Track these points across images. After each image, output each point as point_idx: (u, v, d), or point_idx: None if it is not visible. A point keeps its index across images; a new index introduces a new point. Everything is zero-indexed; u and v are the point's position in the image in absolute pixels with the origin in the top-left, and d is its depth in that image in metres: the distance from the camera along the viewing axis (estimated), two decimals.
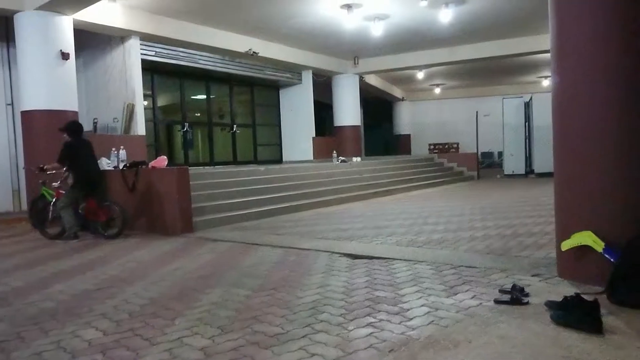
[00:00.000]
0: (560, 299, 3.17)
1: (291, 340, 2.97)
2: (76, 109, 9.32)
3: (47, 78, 8.85)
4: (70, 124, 7.39)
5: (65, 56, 8.95)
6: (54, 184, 7.34)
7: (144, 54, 11.51)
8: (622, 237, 3.54)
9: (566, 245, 3.86)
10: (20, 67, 8.95)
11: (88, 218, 7.27)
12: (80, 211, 7.20)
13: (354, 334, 3.03)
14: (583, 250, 3.76)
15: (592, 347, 2.68)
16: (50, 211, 7.26)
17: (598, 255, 3.63)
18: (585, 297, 3.10)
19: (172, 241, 6.69)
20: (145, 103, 12.08)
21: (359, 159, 15.37)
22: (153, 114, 13.21)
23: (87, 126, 10.68)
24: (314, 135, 16.84)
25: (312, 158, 16.46)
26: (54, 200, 7.26)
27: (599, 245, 3.64)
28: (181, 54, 12.56)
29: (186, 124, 14.16)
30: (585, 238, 3.72)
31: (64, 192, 7.22)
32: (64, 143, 7.13)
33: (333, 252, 5.49)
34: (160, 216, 7.37)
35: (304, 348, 2.84)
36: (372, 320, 3.27)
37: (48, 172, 7.25)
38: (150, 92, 13.04)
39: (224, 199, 8.72)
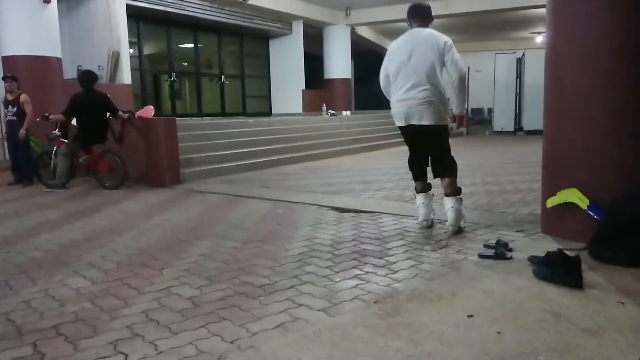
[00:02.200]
0: (544, 255, 3.23)
1: (278, 291, 3.01)
2: (59, 55, 9.08)
3: (28, 22, 8.55)
4: (80, 75, 7.25)
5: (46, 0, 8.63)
6: (53, 132, 7.23)
7: (130, 0, 11.12)
8: (607, 195, 3.58)
9: (552, 202, 3.90)
10: (0, 11, 8.62)
11: (88, 169, 7.22)
12: (81, 161, 7.12)
13: (340, 286, 3.08)
14: (568, 207, 3.80)
15: (572, 301, 2.75)
16: (52, 161, 7.19)
17: (582, 213, 3.68)
18: (567, 253, 3.16)
19: (160, 193, 6.67)
20: (131, 51, 11.78)
21: (348, 112, 15.24)
22: (139, 62, 12.91)
23: (70, 73, 10.45)
24: (304, 88, 16.62)
25: (301, 111, 16.32)
26: (55, 149, 7.17)
27: (583, 203, 3.68)
28: (169, 0, 12.16)
29: (173, 74, 13.89)
30: (571, 195, 3.76)
31: (64, 140, 7.14)
32: (71, 96, 7.01)
33: (321, 206, 5.51)
34: (148, 168, 7.31)
35: (291, 299, 2.89)
36: (358, 272, 3.32)
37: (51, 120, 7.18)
38: (137, 40, 12.70)
39: (212, 151, 8.66)
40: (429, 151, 4.32)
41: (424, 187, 4.48)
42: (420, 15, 4.34)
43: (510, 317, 2.57)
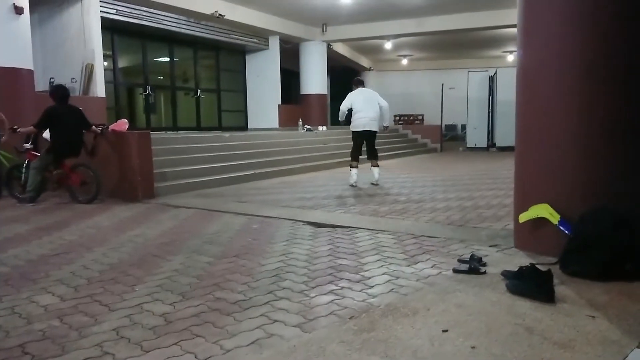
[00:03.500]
0: (516, 269, 3.28)
1: (253, 307, 2.98)
2: (31, 67, 8.91)
3: None
4: (54, 90, 7.07)
5: (18, 10, 8.48)
6: (25, 145, 7.06)
7: (104, 12, 11.03)
8: (577, 211, 3.66)
9: (524, 217, 3.97)
10: None
11: (61, 182, 7.05)
12: (54, 174, 6.96)
13: (316, 301, 3.06)
14: (539, 222, 3.87)
15: (543, 315, 2.79)
16: (24, 174, 7.00)
17: (553, 228, 3.75)
18: (539, 267, 3.21)
19: (133, 207, 6.57)
20: (106, 64, 11.65)
21: (324, 128, 15.31)
22: (114, 75, 12.77)
23: (42, 86, 10.28)
24: (280, 103, 16.66)
25: (277, 126, 16.32)
26: (27, 161, 7.01)
27: (554, 218, 3.75)
28: (144, 13, 12.09)
29: (148, 87, 13.77)
30: (542, 210, 3.83)
31: (35, 153, 6.98)
32: (45, 108, 6.83)
33: (296, 221, 5.50)
34: (121, 181, 7.19)
35: (266, 315, 2.86)
36: (334, 287, 3.31)
37: (20, 133, 6.98)
38: (111, 53, 12.57)
39: (187, 165, 8.58)
40: (367, 145, 8.29)
41: (357, 164, 8.24)
42: (362, 84, 8.60)
43: (484, 331, 2.59)
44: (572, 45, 3.74)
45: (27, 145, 7.07)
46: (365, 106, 7.99)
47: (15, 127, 6.98)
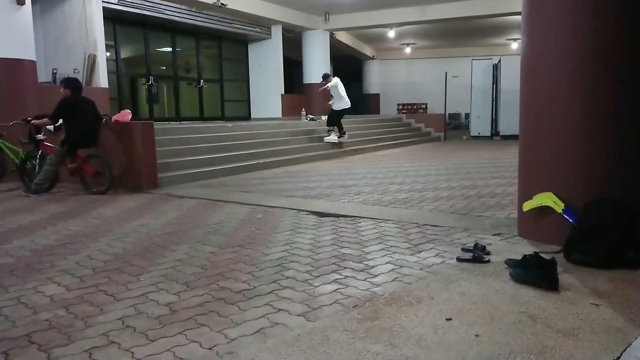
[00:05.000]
0: (520, 258, 3.28)
1: (257, 296, 2.99)
2: (33, 58, 8.91)
3: (0, 24, 8.38)
4: (69, 81, 7.04)
5: (20, 1, 8.48)
6: (38, 135, 7.05)
7: (106, 2, 11.00)
8: (581, 199, 3.65)
9: (527, 205, 3.96)
10: None
11: (73, 173, 7.06)
12: (69, 167, 6.97)
13: (320, 290, 3.07)
14: (543, 211, 3.86)
15: (547, 303, 2.79)
16: (37, 165, 7.01)
17: (557, 216, 3.75)
18: (543, 256, 3.21)
19: (136, 197, 6.59)
20: (108, 54, 11.64)
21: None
22: (116, 65, 12.76)
23: (45, 77, 10.29)
24: (283, 92, 16.61)
25: (280, 115, 16.30)
26: (40, 152, 7.01)
27: (559, 206, 3.74)
28: (146, 3, 12.05)
29: (151, 78, 13.75)
30: (546, 199, 3.82)
31: (48, 144, 6.98)
32: (60, 100, 6.78)
33: (300, 210, 5.50)
34: (125, 172, 7.20)
35: (270, 304, 2.87)
36: (338, 276, 3.32)
37: (35, 125, 6.97)
38: (113, 43, 12.55)
39: (190, 156, 8.58)
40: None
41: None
42: (333, 76, 11.85)
43: (487, 319, 2.60)
44: (577, 33, 3.70)
45: (40, 136, 7.08)
46: (344, 90, 11.50)
47: (29, 118, 6.97)
